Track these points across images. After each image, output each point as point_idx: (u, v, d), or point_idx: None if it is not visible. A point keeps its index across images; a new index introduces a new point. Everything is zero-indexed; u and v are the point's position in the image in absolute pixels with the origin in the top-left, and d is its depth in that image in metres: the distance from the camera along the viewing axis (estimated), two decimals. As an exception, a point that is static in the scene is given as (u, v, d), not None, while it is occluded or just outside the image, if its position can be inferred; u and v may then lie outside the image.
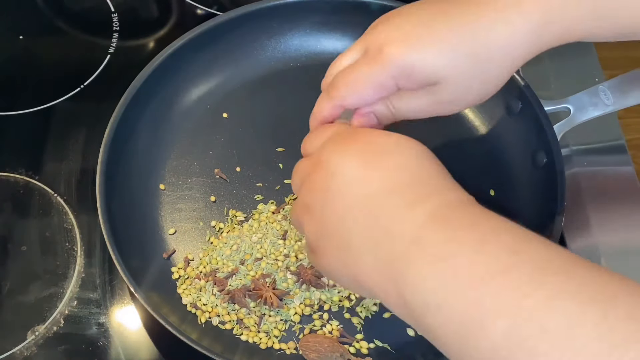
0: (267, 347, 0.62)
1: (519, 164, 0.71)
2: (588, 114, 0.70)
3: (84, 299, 0.66)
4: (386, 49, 0.50)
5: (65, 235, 0.69)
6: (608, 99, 0.69)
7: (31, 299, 0.66)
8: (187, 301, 0.64)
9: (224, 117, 0.76)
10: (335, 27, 0.79)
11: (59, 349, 0.63)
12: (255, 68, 0.78)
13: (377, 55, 0.51)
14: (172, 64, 0.73)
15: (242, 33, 0.77)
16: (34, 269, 0.68)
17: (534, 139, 0.69)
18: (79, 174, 0.73)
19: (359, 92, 0.52)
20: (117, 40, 0.83)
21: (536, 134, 0.69)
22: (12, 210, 0.71)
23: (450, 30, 0.50)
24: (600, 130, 0.76)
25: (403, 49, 0.50)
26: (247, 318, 0.63)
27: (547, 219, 0.64)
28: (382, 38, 0.51)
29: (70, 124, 0.77)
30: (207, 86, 0.77)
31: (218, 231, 0.68)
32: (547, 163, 0.67)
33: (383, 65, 0.50)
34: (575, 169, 0.73)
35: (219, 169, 0.72)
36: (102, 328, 0.65)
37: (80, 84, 0.79)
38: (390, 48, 0.50)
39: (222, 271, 0.65)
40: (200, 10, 0.87)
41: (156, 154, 0.72)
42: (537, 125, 0.69)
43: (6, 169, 0.73)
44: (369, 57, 0.52)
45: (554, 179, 0.65)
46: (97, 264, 0.68)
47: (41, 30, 0.86)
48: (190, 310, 0.63)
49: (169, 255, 0.67)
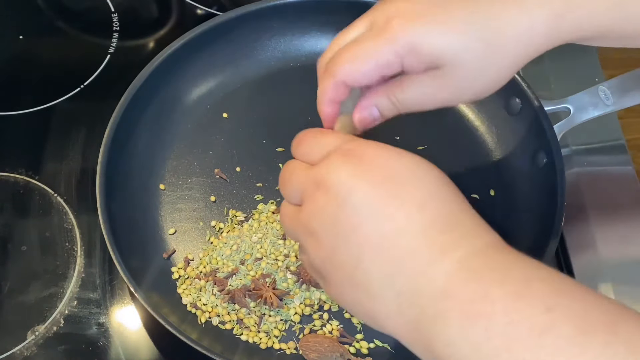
0: (267, 347, 0.62)
1: (519, 164, 0.72)
2: (588, 114, 0.70)
3: (84, 299, 0.66)
4: (394, 21, 0.47)
5: (65, 235, 0.69)
6: (608, 99, 0.69)
7: (31, 299, 0.66)
8: (187, 301, 0.64)
9: (224, 117, 0.76)
10: (335, 26, 0.78)
11: (59, 349, 0.63)
12: (255, 68, 0.78)
13: (384, 29, 0.48)
14: (172, 65, 0.73)
15: (242, 33, 0.77)
16: (34, 268, 0.68)
17: (534, 139, 0.69)
18: (79, 174, 0.73)
19: (360, 68, 0.48)
20: (117, 41, 0.84)
21: (536, 134, 0.69)
22: (12, 210, 0.71)
23: (465, 11, 0.47)
24: (601, 130, 0.76)
25: (412, 23, 0.47)
26: (247, 318, 0.63)
27: (547, 219, 0.64)
28: (391, 11, 0.48)
29: (71, 124, 0.77)
30: (207, 86, 0.77)
31: (218, 231, 0.68)
32: (547, 163, 0.67)
33: (388, 39, 0.47)
34: (576, 169, 0.73)
35: (219, 169, 0.72)
36: (102, 328, 0.65)
37: (81, 84, 0.79)
38: (399, 20, 0.47)
39: (222, 271, 0.65)
40: (200, 11, 0.87)
41: (156, 154, 0.72)
42: (537, 125, 0.69)
43: (6, 169, 0.73)
44: (373, 32, 0.49)
45: (554, 179, 0.65)
46: (97, 264, 0.68)
47: (41, 30, 0.86)
48: (190, 310, 0.63)
49: (169, 255, 0.67)
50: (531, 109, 0.70)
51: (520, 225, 0.68)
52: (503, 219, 0.69)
